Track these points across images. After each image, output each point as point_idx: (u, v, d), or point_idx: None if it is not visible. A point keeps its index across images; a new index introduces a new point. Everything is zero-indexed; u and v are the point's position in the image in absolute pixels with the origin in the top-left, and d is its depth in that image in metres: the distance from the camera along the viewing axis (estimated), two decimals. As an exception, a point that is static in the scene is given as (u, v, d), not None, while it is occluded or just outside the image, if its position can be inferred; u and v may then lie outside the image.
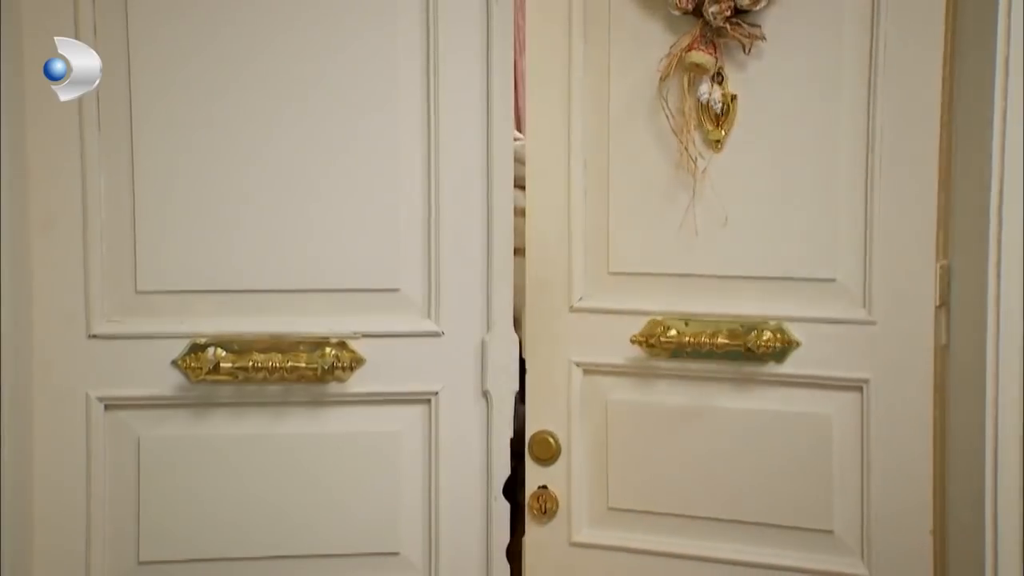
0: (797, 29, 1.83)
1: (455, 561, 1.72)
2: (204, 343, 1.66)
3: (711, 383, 1.88)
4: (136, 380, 1.66)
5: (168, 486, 1.68)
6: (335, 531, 1.71)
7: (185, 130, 1.65)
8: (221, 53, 1.65)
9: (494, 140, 1.70)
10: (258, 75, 1.65)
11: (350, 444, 1.72)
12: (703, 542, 1.89)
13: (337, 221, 1.68)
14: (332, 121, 1.67)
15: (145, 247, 1.66)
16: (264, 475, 1.70)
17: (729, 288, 1.88)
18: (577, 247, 1.89)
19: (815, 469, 1.85)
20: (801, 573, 1.87)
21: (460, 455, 1.72)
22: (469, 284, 1.71)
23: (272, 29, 1.65)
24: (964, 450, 1.72)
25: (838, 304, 1.82)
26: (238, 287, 1.68)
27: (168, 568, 1.69)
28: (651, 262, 1.89)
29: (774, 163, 1.86)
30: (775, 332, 1.84)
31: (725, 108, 1.86)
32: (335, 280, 1.69)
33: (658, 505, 1.90)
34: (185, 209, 1.66)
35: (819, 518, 1.85)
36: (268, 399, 1.69)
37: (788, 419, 1.88)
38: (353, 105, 1.68)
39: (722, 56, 1.86)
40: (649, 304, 1.87)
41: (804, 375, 1.84)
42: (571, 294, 1.89)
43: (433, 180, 1.69)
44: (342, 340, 1.69)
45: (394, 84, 1.68)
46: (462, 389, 1.72)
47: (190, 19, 1.64)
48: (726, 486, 1.89)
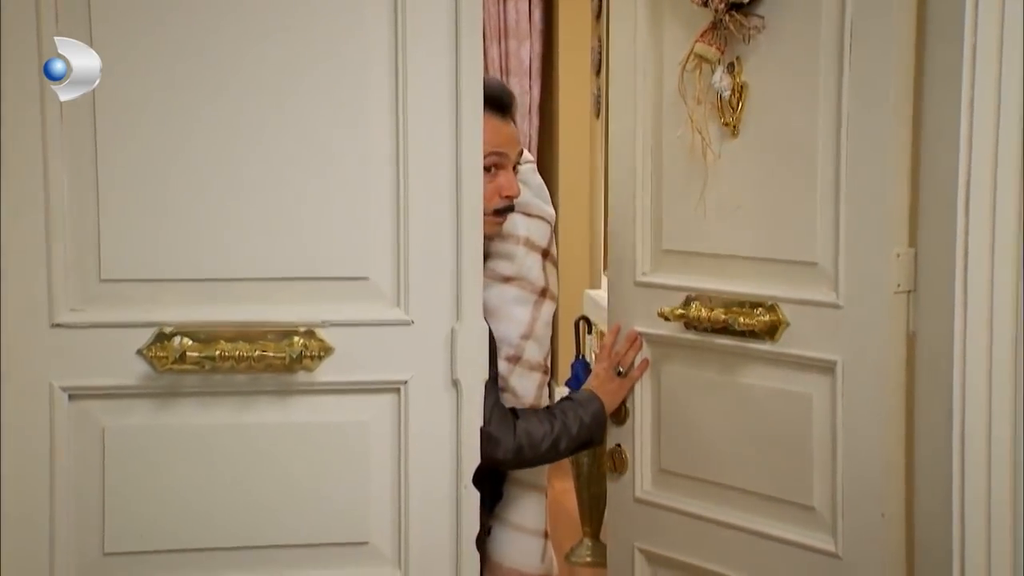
0: (787, 19, 1.86)
1: (425, 550, 1.71)
2: (170, 332, 1.64)
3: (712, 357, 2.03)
4: (101, 370, 1.64)
5: (133, 476, 1.66)
6: (303, 521, 1.70)
7: (150, 117, 1.62)
8: (185, 40, 1.62)
9: (463, 128, 1.68)
10: (225, 62, 1.63)
11: (319, 434, 1.70)
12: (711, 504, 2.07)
13: (305, 209, 1.67)
14: (300, 108, 1.65)
15: (109, 235, 1.63)
16: (231, 465, 1.68)
17: (730, 268, 2.00)
18: (640, 227, 2.14)
19: (798, 447, 1.90)
20: (784, 543, 1.95)
21: (430, 444, 1.71)
22: (439, 273, 1.70)
23: (236, 15, 1.63)
24: (931, 436, 1.74)
25: (818, 288, 1.84)
26: (204, 275, 1.66)
27: (134, 559, 1.66)
28: (686, 241, 2.09)
29: (771, 151, 1.92)
30: (769, 311, 1.88)
31: (737, 97, 1.91)
32: (303, 268, 1.68)
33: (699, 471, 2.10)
34: (150, 197, 1.64)
35: (802, 493, 1.91)
36: (235, 388, 1.67)
37: (777, 396, 1.92)
38: (321, 92, 1.66)
39: (732, 47, 1.90)
40: (686, 281, 2.08)
41: (790, 354, 1.90)
42: (636, 270, 2.15)
43: (402, 168, 1.67)
44: (310, 329, 1.67)
45: (363, 71, 1.67)
46: (432, 378, 1.71)
47: (153, 5, 1.61)
48: (733, 456, 2.03)
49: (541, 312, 2.06)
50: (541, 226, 2.08)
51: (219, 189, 1.65)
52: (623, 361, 2.12)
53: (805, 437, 1.89)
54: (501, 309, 2.02)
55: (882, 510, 1.78)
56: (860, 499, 1.82)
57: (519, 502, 2.08)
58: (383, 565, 1.72)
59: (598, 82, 5.12)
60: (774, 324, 1.91)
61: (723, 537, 2.04)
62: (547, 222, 2.10)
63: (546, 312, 2.07)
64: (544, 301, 2.07)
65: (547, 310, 2.07)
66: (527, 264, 2.05)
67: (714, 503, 2.07)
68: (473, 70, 1.69)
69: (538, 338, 2.06)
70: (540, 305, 2.06)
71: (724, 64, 1.93)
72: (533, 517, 2.09)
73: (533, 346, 2.05)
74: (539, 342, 2.06)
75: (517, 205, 2.03)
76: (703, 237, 2.04)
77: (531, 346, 2.05)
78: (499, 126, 1.96)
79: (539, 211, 2.09)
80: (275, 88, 1.65)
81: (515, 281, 2.04)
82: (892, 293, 1.75)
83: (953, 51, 1.67)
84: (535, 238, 2.07)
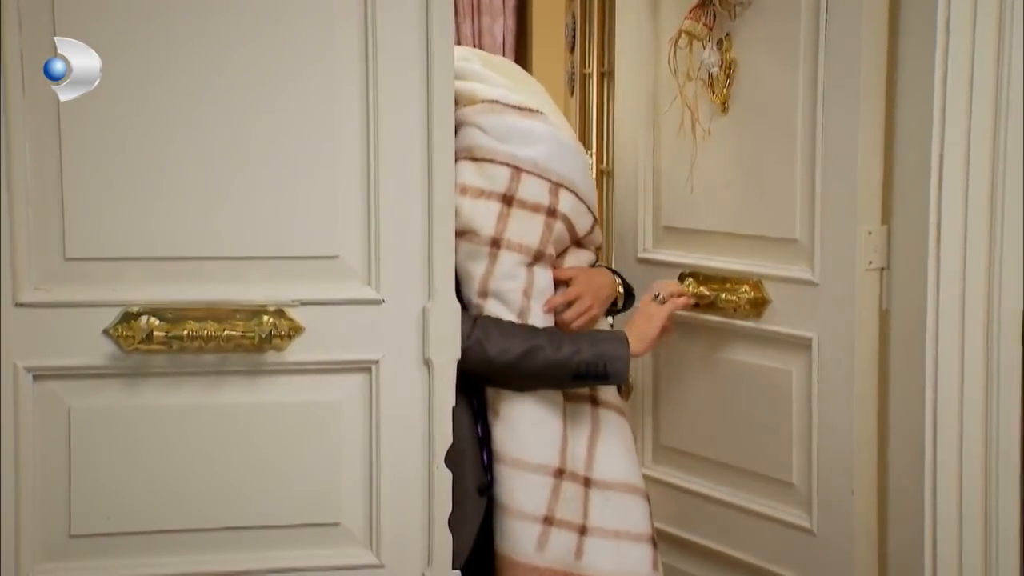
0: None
1: (397, 530, 1.70)
2: (137, 311, 1.61)
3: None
4: (66, 350, 1.61)
5: (100, 458, 1.64)
6: (274, 502, 1.68)
7: (116, 94, 1.59)
8: (153, 18, 1.59)
9: (435, 105, 1.66)
10: (194, 42, 1.60)
11: (289, 414, 1.68)
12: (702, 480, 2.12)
13: (275, 186, 1.64)
14: (269, 86, 1.63)
15: (74, 213, 1.60)
16: (200, 446, 1.66)
17: (720, 244, 2.03)
18: (643, 203, 2.19)
19: (779, 423, 1.93)
20: (763, 519, 1.99)
21: (402, 424, 1.70)
22: (410, 251, 1.68)
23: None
24: (904, 412, 1.75)
25: (797, 265, 1.85)
26: (172, 254, 1.63)
27: (101, 540, 1.64)
28: (682, 218, 2.13)
29: (756, 128, 1.93)
30: (754, 288, 1.89)
31: (727, 74, 1.92)
32: (273, 247, 1.66)
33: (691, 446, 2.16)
34: (116, 174, 1.61)
35: (782, 469, 1.95)
36: (204, 368, 1.65)
37: (760, 373, 1.94)
38: (291, 70, 1.63)
39: (721, 24, 1.90)
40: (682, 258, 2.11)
41: (772, 331, 1.92)
42: (638, 246, 2.21)
43: (372, 146, 1.65)
44: (280, 308, 1.65)
45: (331, 49, 1.64)
46: (403, 357, 1.69)
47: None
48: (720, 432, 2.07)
49: (497, 265, 1.86)
50: (493, 170, 1.86)
51: (187, 167, 1.62)
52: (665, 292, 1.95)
53: (786, 414, 1.91)
54: (458, 268, 1.83)
55: (852, 487, 1.80)
56: (834, 476, 1.83)
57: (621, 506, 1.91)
58: (355, 546, 1.71)
59: (572, 59, 5.10)
60: (758, 301, 1.91)
61: (709, 512, 2.07)
62: (503, 164, 1.86)
63: (505, 264, 1.85)
64: (500, 252, 1.86)
65: (506, 261, 1.85)
66: (473, 213, 1.85)
67: (704, 479, 2.10)
68: (444, 45, 1.66)
69: (499, 294, 1.86)
70: (495, 257, 1.86)
71: (714, 41, 1.93)
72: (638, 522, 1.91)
73: (495, 304, 1.86)
74: (502, 299, 1.86)
75: (462, 151, 1.86)
76: (697, 214, 2.06)
77: (492, 304, 1.86)
78: None
79: (488, 154, 1.88)
80: (244, 68, 1.62)
81: (463, 235, 1.83)
82: (864, 270, 1.76)
83: (926, 29, 1.68)
84: (482, 184, 1.86)
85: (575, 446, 1.89)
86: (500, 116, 1.89)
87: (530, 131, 1.89)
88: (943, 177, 1.68)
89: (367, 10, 1.64)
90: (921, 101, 1.69)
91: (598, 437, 1.91)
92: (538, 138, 1.89)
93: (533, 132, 1.90)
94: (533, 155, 1.87)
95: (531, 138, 1.89)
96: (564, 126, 2.00)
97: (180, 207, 1.63)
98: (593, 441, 1.90)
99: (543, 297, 1.88)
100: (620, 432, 1.94)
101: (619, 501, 1.89)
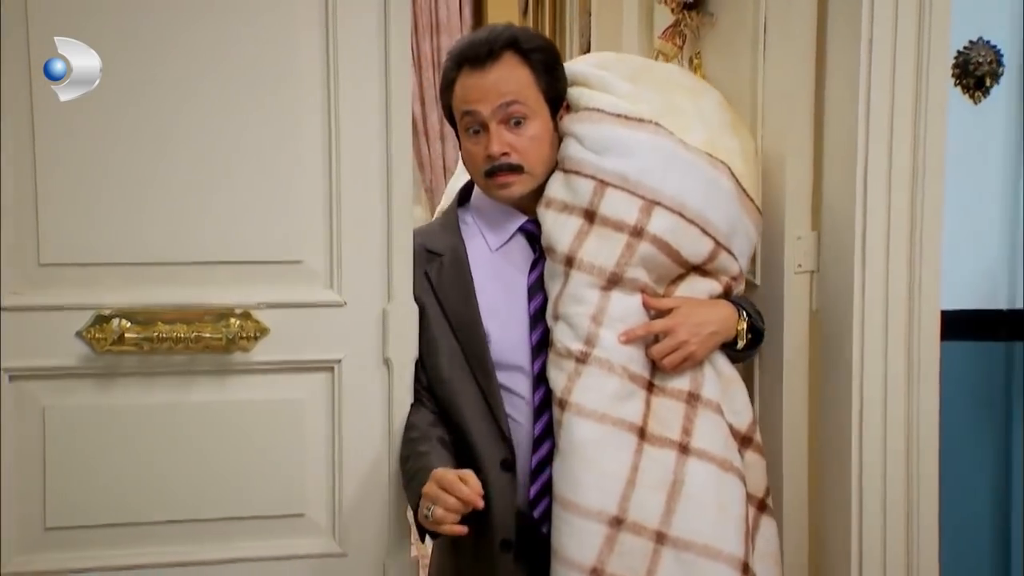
0: (732, 14, 1.96)
1: (358, 521, 1.78)
2: (109, 314, 1.68)
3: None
4: (41, 351, 1.68)
5: (75, 454, 1.70)
6: (242, 495, 1.75)
7: (88, 101, 1.66)
8: (121, 28, 1.66)
9: (392, 118, 1.75)
10: (162, 47, 1.68)
11: (256, 411, 1.75)
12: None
13: (241, 194, 1.72)
14: (235, 96, 1.70)
15: (48, 220, 1.67)
16: (171, 442, 1.73)
17: None
18: None
19: None
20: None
21: (363, 420, 1.77)
22: (370, 255, 1.76)
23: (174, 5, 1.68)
24: (833, 403, 1.85)
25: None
26: (143, 259, 1.70)
27: (76, 533, 1.71)
28: None
29: None
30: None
31: None
32: (239, 252, 1.73)
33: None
34: (89, 182, 1.68)
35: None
36: (174, 368, 1.72)
37: None
38: (258, 87, 1.71)
39: (692, 43, 2.00)
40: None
41: None
42: None
43: (334, 155, 1.73)
44: (246, 311, 1.72)
45: (295, 67, 1.72)
46: (364, 357, 1.77)
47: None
48: None
49: (567, 286, 1.68)
50: (578, 182, 1.69)
51: (158, 177, 1.69)
52: None
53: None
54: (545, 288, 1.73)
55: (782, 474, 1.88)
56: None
57: None
58: (319, 536, 1.78)
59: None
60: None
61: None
62: (588, 177, 1.69)
63: (574, 285, 1.67)
64: (571, 272, 1.68)
65: (575, 282, 1.67)
66: (553, 227, 1.70)
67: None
68: (401, 56, 1.75)
69: (567, 317, 1.68)
70: (568, 277, 1.68)
71: (685, 59, 2.02)
72: None
73: (563, 329, 1.68)
74: (568, 322, 1.68)
75: (558, 161, 1.73)
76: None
77: (560, 329, 1.68)
78: (468, 82, 1.71)
79: (575, 165, 1.71)
80: (210, 77, 1.70)
81: (548, 252, 1.72)
82: (794, 273, 1.86)
83: (851, 47, 1.78)
84: (567, 197, 1.70)
85: (646, 494, 1.63)
86: (597, 125, 1.72)
87: (628, 141, 1.70)
88: (867, 187, 1.78)
89: (328, 31, 1.72)
90: (846, 117, 1.79)
91: (680, 489, 1.64)
92: (636, 150, 1.70)
93: (632, 143, 1.70)
94: (623, 168, 1.68)
95: (628, 149, 1.69)
96: (729, 147, 1.77)
97: (151, 215, 1.70)
98: (674, 493, 1.64)
99: (621, 326, 1.67)
100: (716, 488, 1.66)
101: (696, 566, 1.63)
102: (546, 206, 1.71)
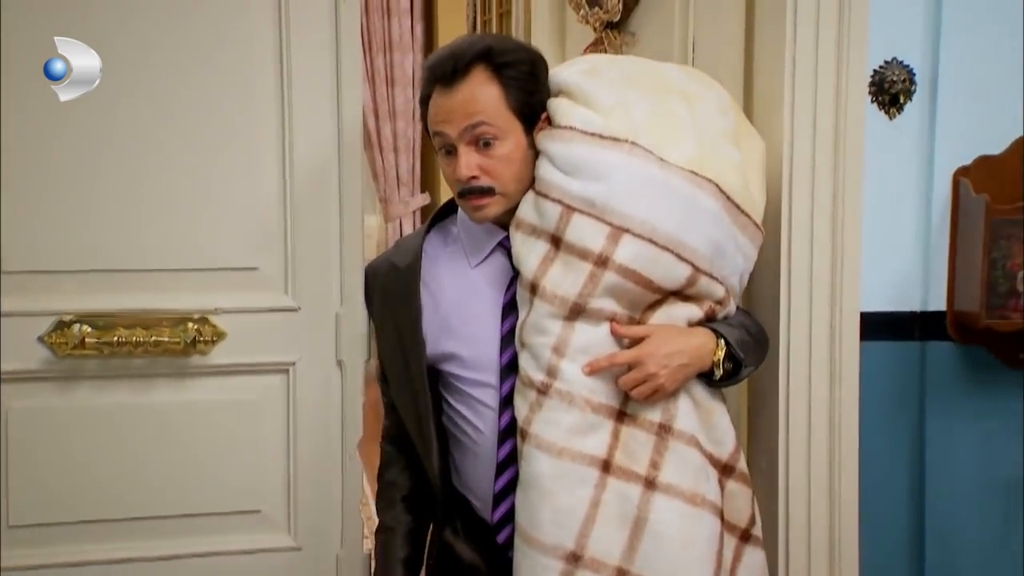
0: (652, 33, 2.04)
1: (313, 515, 1.85)
2: (70, 320, 1.74)
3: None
4: (4, 356, 1.72)
5: (36, 455, 1.75)
6: (201, 492, 1.81)
7: (49, 112, 1.70)
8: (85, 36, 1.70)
9: (344, 132, 1.82)
10: (124, 66, 1.73)
11: (214, 412, 1.81)
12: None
13: (199, 203, 1.78)
14: (195, 113, 1.76)
15: (10, 228, 1.72)
16: (131, 442, 1.78)
17: None
18: None
19: None
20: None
21: (317, 419, 1.85)
22: (323, 262, 1.83)
23: (127, 11, 1.73)
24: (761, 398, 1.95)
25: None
26: (103, 266, 1.76)
27: (37, 530, 1.75)
28: None
29: None
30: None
31: None
32: (197, 259, 1.79)
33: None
34: (50, 191, 1.73)
35: None
36: (133, 372, 1.78)
37: None
38: (214, 99, 1.77)
39: None
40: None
41: None
42: None
43: (288, 167, 1.80)
44: (204, 315, 1.79)
45: (250, 80, 1.78)
46: (318, 359, 1.84)
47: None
48: None
49: (530, 315, 1.60)
50: (545, 205, 1.59)
51: (119, 186, 1.75)
52: None
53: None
54: None
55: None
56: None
57: None
58: (275, 531, 1.85)
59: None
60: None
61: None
62: (555, 201, 1.59)
63: (536, 314, 1.59)
64: (534, 300, 1.60)
65: (538, 311, 1.59)
66: (520, 251, 1.63)
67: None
68: (352, 68, 1.81)
69: (530, 347, 1.60)
70: (531, 305, 1.60)
71: None
72: None
73: (526, 358, 1.61)
74: (532, 353, 1.60)
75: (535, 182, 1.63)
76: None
77: (524, 358, 1.61)
78: (438, 101, 1.62)
79: (544, 187, 1.60)
80: (172, 94, 1.76)
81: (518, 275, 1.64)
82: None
83: (776, 69, 1.88)
84: (535, 220, 1.61)
85: (606, 530, 1.57)
86: (568, 144, 1.60)
87: (599, 163, 1.58)
88: (792, 197, 1.88)
89: (282, 45, 1.79)
90: (772, 134, 1.86)
91: (644, 526, 1.58)
92: (607, 172, 1.58)
93: (602, 165, 1.58)
94: (591, 192, 1.57)
95: (597, 173, 1.58)
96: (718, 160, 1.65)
97: (111, 224, 1.75)
98: (637, 529, 1.58)
99: (584, 357, 1.58)
100: (680, 525, 1.59)
101: None
102: (516, 227, 1.63)
